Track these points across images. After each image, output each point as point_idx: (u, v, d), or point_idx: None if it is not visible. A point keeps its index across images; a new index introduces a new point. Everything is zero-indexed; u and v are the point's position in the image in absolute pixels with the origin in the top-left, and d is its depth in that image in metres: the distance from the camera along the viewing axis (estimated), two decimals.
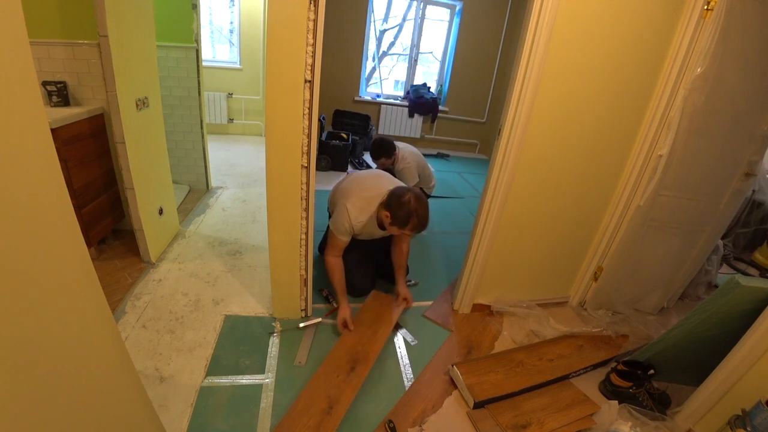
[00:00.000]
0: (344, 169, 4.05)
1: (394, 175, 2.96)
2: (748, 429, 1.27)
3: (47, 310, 0.68)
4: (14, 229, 0.59)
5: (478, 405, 1.51)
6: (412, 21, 5.03)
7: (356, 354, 1.65)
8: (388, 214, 1.67)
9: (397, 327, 1.92)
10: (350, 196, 1.79)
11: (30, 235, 0.63)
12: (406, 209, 1.62)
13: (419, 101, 5.07)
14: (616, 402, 1.53)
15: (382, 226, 1.81)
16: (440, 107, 5.26)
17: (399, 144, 3.02)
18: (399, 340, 1.86)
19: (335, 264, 1.83)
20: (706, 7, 1.55)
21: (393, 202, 1.66)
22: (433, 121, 5.32)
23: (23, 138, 0.60)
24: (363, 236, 1.90)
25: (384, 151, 2.89)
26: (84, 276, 0.78)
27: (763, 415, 1.24)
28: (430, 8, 4.98)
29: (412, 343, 1.84)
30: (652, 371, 1.63)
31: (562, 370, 1.73)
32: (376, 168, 2.93)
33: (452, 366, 1.65)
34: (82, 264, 0.76)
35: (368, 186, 1.84)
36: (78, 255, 0.75)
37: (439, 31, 5.18)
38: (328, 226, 2.02)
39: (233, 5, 4.53)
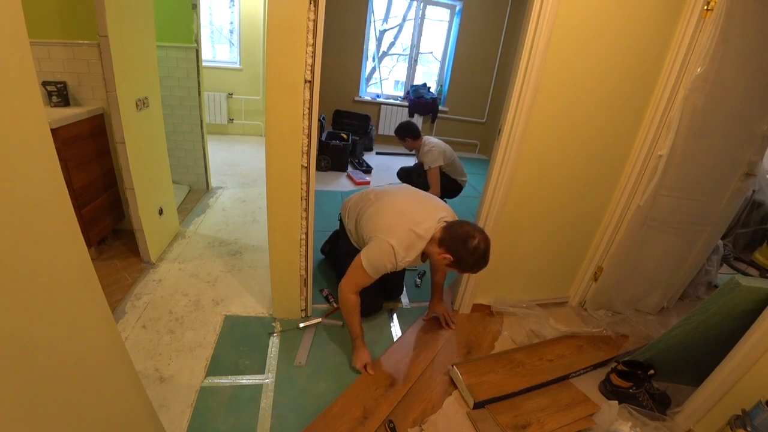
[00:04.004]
0: (344, 170, 4.05)
1: (420, 160, 3.07)
2: (749, 429, 1.27)
3: (46, 311, 0.68)
4: (13, 229, 0.59)
5: (478, 405, 1.51)
6: (412, 21, 5.03)
7: (397, 372, 1.65)
8: (449, 257, 1.43)
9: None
10: (394, 231, 1.49)
11: (29, 236, 0.63)
12: (476, 256, 1.39)
13: (419, 101, 5.06)
14: (616, 402, 1.52)
15: (423, 257, 1.58)
16: (440, 107, 5.25)
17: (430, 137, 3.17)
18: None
19: (355, 303, 1.57)
20: (706, 8, 1.55)
21: (459, 246, 1.40)
22: (433, 122, 5.31)
23: (23, 138, 0.60)
24: None
25: (409, 133, 3.02)
26: (84, 276, 0.77)
27: (764, 415, 1.24)
28: (429, 8, 4.98)
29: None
30: (652, 371, 1.63)
31: (562, 370, 1.73)
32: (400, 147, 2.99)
33: (452, 366, 1.65)
34: (82, 264, 0.76)
35: (413, 217, 1.53)
36: (78, 255, 0.75)
37: (439, 31, 5.18)
38: (336, 248, 1.82)
39: (233, 5, 4.53)
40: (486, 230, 1.84)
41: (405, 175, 3.40)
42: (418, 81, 5.31)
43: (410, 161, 4.88)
